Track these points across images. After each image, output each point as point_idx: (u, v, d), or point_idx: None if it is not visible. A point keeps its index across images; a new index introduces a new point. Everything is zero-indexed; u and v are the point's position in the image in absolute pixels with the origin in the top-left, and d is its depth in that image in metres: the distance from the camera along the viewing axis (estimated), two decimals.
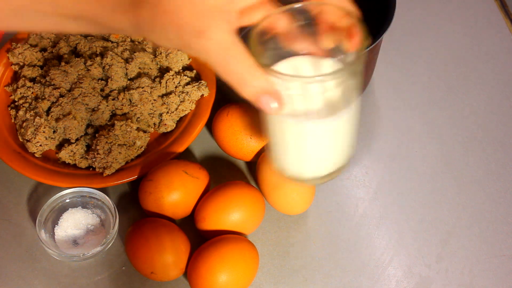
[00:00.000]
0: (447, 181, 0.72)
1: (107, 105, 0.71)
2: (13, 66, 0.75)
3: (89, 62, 0.73)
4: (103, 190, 0.66)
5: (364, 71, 0.76)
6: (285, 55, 0.46)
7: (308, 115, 0.45)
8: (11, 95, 0.73)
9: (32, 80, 0.73)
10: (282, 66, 0.46)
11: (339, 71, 0.42)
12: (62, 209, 0.65)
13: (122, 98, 0.71)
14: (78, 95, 0.70)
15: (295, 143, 0.48)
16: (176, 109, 0.71)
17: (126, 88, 0.72)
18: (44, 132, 0.68)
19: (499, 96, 0.79)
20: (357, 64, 0.43)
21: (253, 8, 0.43)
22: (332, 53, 0.46)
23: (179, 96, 0.72)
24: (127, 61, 0.73)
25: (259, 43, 0.43)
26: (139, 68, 0.74)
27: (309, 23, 0.45)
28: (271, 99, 0.41)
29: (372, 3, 0.77)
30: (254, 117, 0.69)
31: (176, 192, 0.64)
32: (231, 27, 0.40)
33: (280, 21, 0.45)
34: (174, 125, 0.72)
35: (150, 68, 0.74)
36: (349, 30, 0.43)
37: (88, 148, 0.69)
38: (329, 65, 0.46)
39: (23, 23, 0.44)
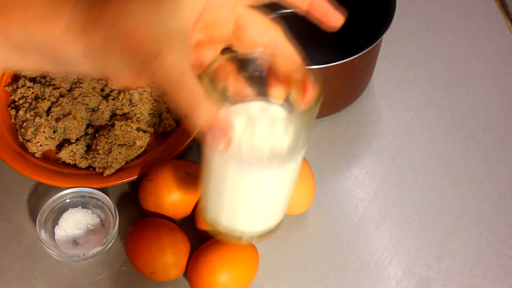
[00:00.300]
0: (447, 181, 0.72)
1: (107, 105, 0.71)
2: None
3: None
4: (103, 190, 0.66)
5: (364, 71, 0.76)
6: (235, 102, 0.45)
7: (251, 160, 0.43)
8: (11, 95, 0.73)
9: (32, 80, 0.73)
10: (233, 108, 0.45)
11: (289, 117, 0.41)
12: (62, 209, 0.65)
13: (122, 98, 0.71)
14: (78, 95, 0.70)
15: (233, 190, 0.46)
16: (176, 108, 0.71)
17: (126, 88, 0.72)
18: (44, 132, 0.68)
19: (499, 96, 0.79)
20: (308, 115, 0.42)
21: (207, 45, 0.43)
22: (283, 104, 0.45)
23: None
24: None
25: (210, 85, 0.42)
26: None
27: (260, 73, 0.44)
28: (218, 133, 0.39)
29: (372, 3, 0.77)
30: None
31: (176, 192, 0.64)
32: (186, 54, 0.39)
33: (231, 68, 0.44)
34: (174, 125, 0.72)
35: None
36: (302, 83, 0.43)
37: (88, 148, 0.69)
38: (279, 113, 0.45)
39: None
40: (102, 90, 0.72)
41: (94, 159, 0.67)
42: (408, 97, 0.79)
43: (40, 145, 0.68)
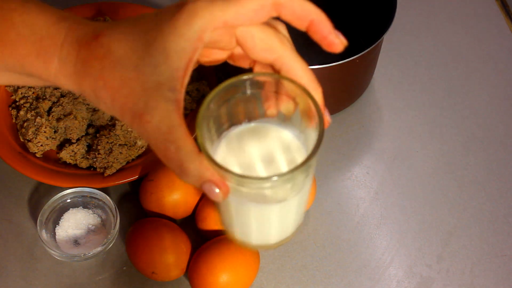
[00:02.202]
0: (448, 181, 0.71)
1: None
2: None
3: None
4: (104, 190, 0.66)
5: (364, 71, 0.76)
6: (238, 122, 0.44)
7: (251, 201, 0.42)
8: (12, 95, 0.73)
9: None
10: (233, 134, 0.43)
11: (288, 173, 0.38)
12: (63, 209, 0.65)
13: None
14: (79, 95, 0.70)
15: (238, 218, 0.44)
16: None
17: None
18: (45, 132, 0.68)
19: (500, 96, 0.79)
20: (310, 162, 0.39)
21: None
22: (287, 124, 0.43)
23: None
24: None
25: (211, 108, 0.40)
26: None
27: (260, 93, 0.42)
28: (213, 186, 0.38)
29: (373, 3, 0.77)
30: None
31: (177, 192, 0.64)
32: (173, 107, 0.36)
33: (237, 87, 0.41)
34: None
35: None
36: (307, 112, 0.40)
37: (89, 148, 0.69)
38: (280, 134, 0.43)
39: None
40: None
41: (95, 159, 0.67)
42: (408, 97, 0.79)
43: (41, 145, 0.68)
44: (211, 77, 0.73)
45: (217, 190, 0.38)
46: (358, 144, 0.75)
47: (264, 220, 0.45)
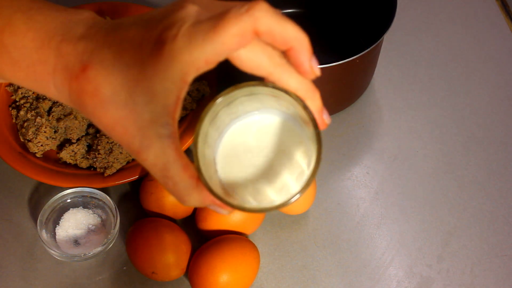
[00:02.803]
0: (448, 181, 0.72)
1: None
2: None
3: None
4: (104, 190, 0.66)
5: (364, 71, 0.76)
6: (237, 116, 0.43)
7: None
8: (12, 95, 0.73)
9: None
10: (234, 130, 0.43)
11: (283, 203, 0.39)
12: (63, 209, 0.65)
13: None
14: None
15: None
16: None
17: None
18: (45, 132, 0.68)
19: (500, 96, 0.79)
20: (307, 186, 0.39)
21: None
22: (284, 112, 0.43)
23: None
24: None
25: (210, 117, 0.40)
26: None
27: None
28: (216, 208, 0.40)
29: (373, 3, 0.77)
30: None
31: None
32: (167, 142, 0.37)
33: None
34: None
35: None
36: (305, 120, 0.40)
37: (89, 148, 0.69)
38: (279, 124, 0.43)
39: None
40: None
41: (95, 159, 0.67)
42: (409, 97, 0.79)
43: (41, 145, 0.68)
44: (211, 77, 0.73)
45: (222, 211, 0.40)
46: (358, 144, 0.75)
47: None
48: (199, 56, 0.36)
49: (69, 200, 0.66)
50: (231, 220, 0.63)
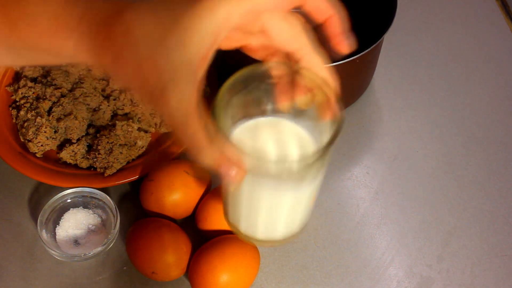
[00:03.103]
0: (448, 181, 0.72)
1: (108, 105, 0.71)
2: (14, 66, 0.75)
3: None
4: (104, 190, 0.66)
5: (365, 71, 0.76)
6: (250, 115, 0.44)
7: (264, 186, 0.42)
8: (13, 95, 0.73)
9: (34, 80, 0.73)
10: (248, 124, 0.44)
11: (305, 158, 0.39)
12: (63, 209, 0.66)
13: (124, 98, 0.71)
14: (80, 95, 0.70)
15: (248, 207, 0.45)
16: None
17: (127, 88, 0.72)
18: (45, 132, 0.68)
19: (500, 96, 0.79)
20: (325, 152, 0.40)
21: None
22: (302, 117, 0.43)
23: None
24: None
25: (226, 97, 0.41)
26: None
27: (274, 85, 0.43)
28: (229, 168, 0.38)
29: (373, 3, 0.77)
30: None
31: (177, 192, 0.64)
32: (193, 88, 0.37)
33: (252, 77, 0.42)
34: None
35: None
36: (324, 104, 0.41)
37: (89, 148, 0.69)
38: (292, 128, 0.44)
39: None
40: (103, 90, 0.72)
41: (95, 159, 0.67)
42: (409, 97, 0.79)
43: (41, 145, 0.68)
44: (211, 77, 0.73)
45: (233, 173, 0.38)
46: (358, 144, 0.75)
47: (274, 210, 0.44)
48: (235, 10, 0.36)
49: (69, 200, 0.66)
50: None
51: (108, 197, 0.65)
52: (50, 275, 0.64)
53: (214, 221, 0.63)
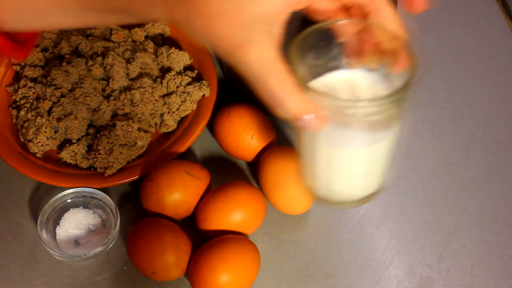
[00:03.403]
0: (448, 181, 0.72)
1: (109, 105, 0.71)
2: (14, 67, 0.75)
3: (90, 62, 0.73)
4: (104, 190, 0.66)
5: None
6: (322, 71, 0.45)
7: (341, 141, 0.43)
8: (13, 95, 0.73)
9: (34, 80, 0.73)
10: (321, 81, 0.44)
11: (382, 99, 0.40)
12: (63, 209, 0.66)
13: (124, 98, 0.71)
14: (80, 95, 0.70)
15: (326, 166, 0.46)
16: (178, 109, 0.71)
17: (127, 88, 0.72)
18: (45, 132, 0.68)
19: (500, 96, 0.79)
20: (402, 93, 0.40)
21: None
22: (375, 72, 0.45)
23: (180, 96, 0.72)
24: (128, 61, 0.73)
25: (299, 52, 0.41)
26: (140, 68, 0.74)
27: (353, 40, 0.43)
28: (311, 118, 0.39)
29: None
30: (255, 117, 0.69)
31: (177, 192, 0.64)
32: (273, 41, 0.37)
33: (324, 33, 0.43)
34: (176, 125, 0.72)
35: (152, 68, 0.74)
36: (396, 54, 0.41)
37: (90, 148, 0.69)
38: (365, 82, 0.45)
39: (51, 20, 0.42)
40: (103, 90, 0.72)
41: (95, 159, 0.67)
42: (408, 97, 0.79)
43: (41, 145, 0.68)
44: (211, 78, 0.73)
45: (312, 124, 0.39)
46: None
47: (352, 166, 0.45)
48: None
49: (69, 200, 0.66)
50: (231, 220, 0.63)
51: (108, 197, 0.65)
52: (50, 275, 0.64)
53: (214, 221, 0.63)
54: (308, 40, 0.42)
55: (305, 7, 0.41)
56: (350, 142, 0.43)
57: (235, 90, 0.76)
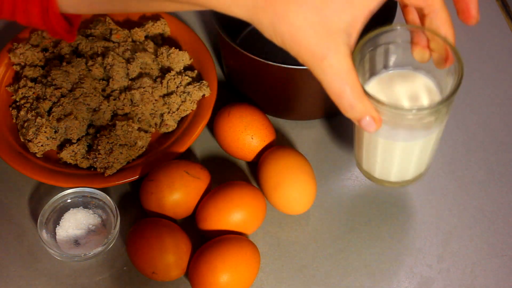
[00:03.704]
0: (448, 181, 0.72)
1: (108, 105, 0.71)
2: (14, 67, 0.75)
3: (90, 62, 0.73)
4: (104, 190, 0.66)
5: None
6: (379, 70, 0.52)
7: (397, 136, 0.50)
8: (13, 95, 0.73)
9: (34, 80, 0.73)
10: (377, 80, 0.51)
11: (436, 105, 0.46)
12: (63, 209, 0.66)
13: (124, 98, 0.71)
14: (80, 95, 0.70)
15: (383, 156, 0.54)
16: (178, 109, 0.71)
17: (127, 88, 0.72)
18: (45, 132, 0.68)
19: (500, 96, 0.79)
20: (453, 96, 0.47)
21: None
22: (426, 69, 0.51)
23: (180, 96, 0.72)
24: (128, 61, 0.73)
25: (359, 56, 0.46)
26: (140, 68, 0.74)
27: (402, 43, 0.50)
28: (371, 121, 0.44)
29: None
30: (255, 117, 0.69)
31: (177, 192, 0.64)
32: (349, 51, 0.41)
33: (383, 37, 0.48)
34: (175, 125, 0.72)
35: (152, 68, 0.74)
36: (445, 56, 0.46)
37: (90, 148, 0.69)
38: (423, 83, 0.52)
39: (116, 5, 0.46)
40: (103, 90, 0.72)
41: (95, 159, 0.67)
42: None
43: (41, 145, 0.68)
44: (211, 78, 0.74)
45: (373, 125, 0.45)
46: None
47: (407, 156, 0.53)
48: None
49: (69, 200, 0.66)
50: (231, 220, 0.63)
51: (108, 197, 0.65)
52: (50, 275, 0.64)
53: (214, 221, 0.63)
54: (370, 43, 0.48)
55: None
56: (405, 137, 0.51)
57: (235, 90, 0.76)
